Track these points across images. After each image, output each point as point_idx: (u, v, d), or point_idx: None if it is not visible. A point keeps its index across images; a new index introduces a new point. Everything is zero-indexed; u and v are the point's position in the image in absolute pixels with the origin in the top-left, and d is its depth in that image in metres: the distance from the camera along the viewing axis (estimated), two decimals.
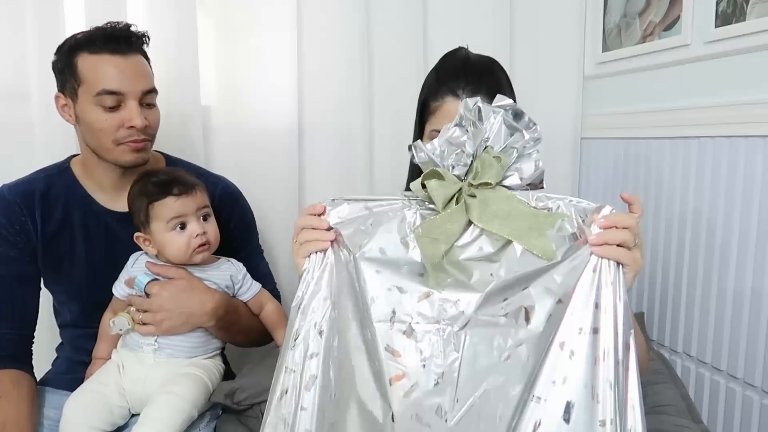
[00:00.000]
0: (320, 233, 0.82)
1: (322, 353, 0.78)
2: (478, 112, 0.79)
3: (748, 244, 1.23)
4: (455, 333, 0.75)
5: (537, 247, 0.74)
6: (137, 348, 1.13)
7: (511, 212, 0.76)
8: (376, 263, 0.79)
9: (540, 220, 0.76)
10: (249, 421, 1.13)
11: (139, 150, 1.15)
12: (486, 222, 0.76)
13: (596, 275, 0.72)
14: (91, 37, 1.12)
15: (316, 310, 0.80)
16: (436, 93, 1.09)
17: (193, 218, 1.12)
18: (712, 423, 1.34)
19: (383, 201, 0.83)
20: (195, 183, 1.15)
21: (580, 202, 0.77)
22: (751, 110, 1.22)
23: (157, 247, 1.13)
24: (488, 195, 0.77)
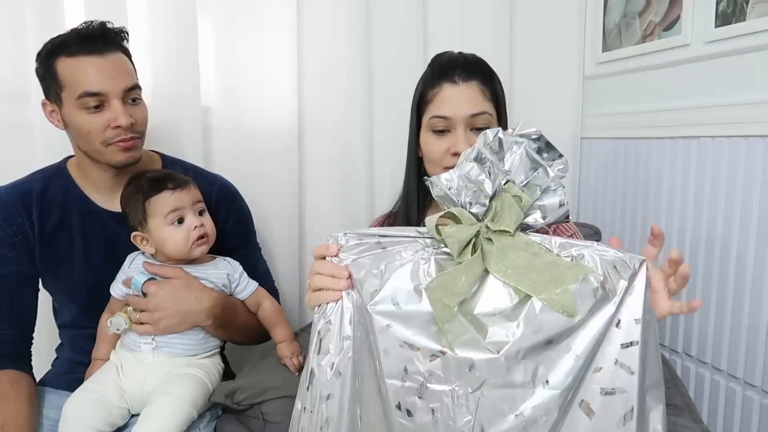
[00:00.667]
0: (335, 282, 0.79)
1: (338, 395, 0.76)
2: (498, 143, 0.75)
3: (748, 243, 1.23)
4: (468, 395, 0.70)
5: (558, 304, 0.69)
6: (135, 348, 1.13)
7: (531, 263, 0.72)
8: (388, 316, 0.74)
9: (562, 271, 0.71)
10: (249, 421, 1.13)
11: (129, 149, 1.15)
12: (503, 273, 0.72)
13: (621, 333, 0.70)
14: (67, 40, 1.11)
15: (332, 351, 0.78)
16: (432, 82, 1.12)
17: (189, 212, 1.13)
18: (712, 423, 1.34)
19: (396, 237, 0.80)
20: (187, 179, 1.16)
21: (607, 252, 0.72)
22: (751, 110, 1.22)
23: (156, 244, 1.13)
24: (506, 242, 0.73)
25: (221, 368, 1.22)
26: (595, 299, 0.69)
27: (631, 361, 0.69)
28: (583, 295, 0.69)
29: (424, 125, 1.14)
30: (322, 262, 0.82)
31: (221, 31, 1.55)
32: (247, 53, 1.56)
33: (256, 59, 1.56)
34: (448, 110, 1.10)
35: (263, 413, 1.12)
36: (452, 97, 1.10)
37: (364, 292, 0.76)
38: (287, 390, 1.14)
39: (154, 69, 1.42)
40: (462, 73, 1.11)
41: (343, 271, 0.79)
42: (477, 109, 1.10)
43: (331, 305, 0.79)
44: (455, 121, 1.10)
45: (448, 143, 1.10)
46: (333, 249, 0.81)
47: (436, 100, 1.11)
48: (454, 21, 1.67)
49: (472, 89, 1.11)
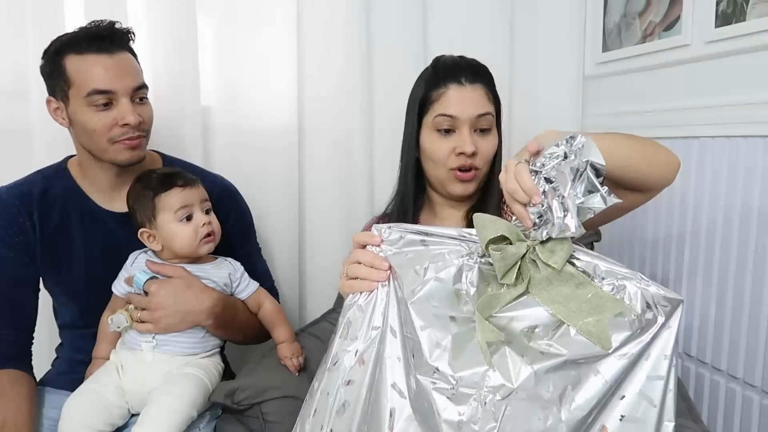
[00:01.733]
0: (374, 272, 0.79)
1: (358, 382, 0.76)
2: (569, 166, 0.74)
3: (748, 244, 1.23)
4: (496, 402, 0.70)
5: (594, 335, 0.70)
6: (136, 347, 1.14)
7: (574, 293, 0.73)
8: (425, 316, 0.74)
9: (602, 304, 0.72)
10: (249, 421, 1.13)
11: (135, 147, 1.15)
12: (543, 299, 0.73)
13: (649, 365, 0.71)
14: (76, 38, 1.12)
15: (359, 339, 0.78)
16: (437, 83, 1.14)
17: (198, 209, 1.15)
18: (712, 423, 1.34)
19: (440, 236, 0.79)
20: (195, 178, 1.18)
21: (649, 287, 0.72)
22: (751, 110, 1.22)
23: (164, 241, 1.14)
24: (552, 272, 0.73)
25: (221, 368, 1.22)
26: (631, 331, 0.71)
27: (654, 394, 0.71)
28: (620, 326, 0.71)
29: (426, 124, 1.15)
30: (363, 252, 0.81)
31: (221, 31, 1.55)
32: (247, 53, 1.56)
33: (256, 59, 1.56)
34: (454, 110, 1.11)
35: (263, 413, 1.12)
36: (459, 97, 1.12)
37: (405, 287, 0.76)
38: (287, 390, 1.14)
39: (154, 69, 1.42)
40: (468, 75, 1.13)
41: (384, 263, 0.79)
42: (483, 109, 1.12)
43: (365, 294, 0.79)
44: (461, 120, 1.11)
45: (454, 143, 1.12)
46: (377, 238, 0.81)
47: (442, 99, 1.13)
48: (454, 21, 1.67)
49: (478, 92, 1.13)
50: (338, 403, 0.77)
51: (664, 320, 0.72)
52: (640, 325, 0.71)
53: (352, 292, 0.81)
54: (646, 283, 0.73)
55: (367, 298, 0.79)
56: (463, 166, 1.12)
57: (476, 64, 1.18)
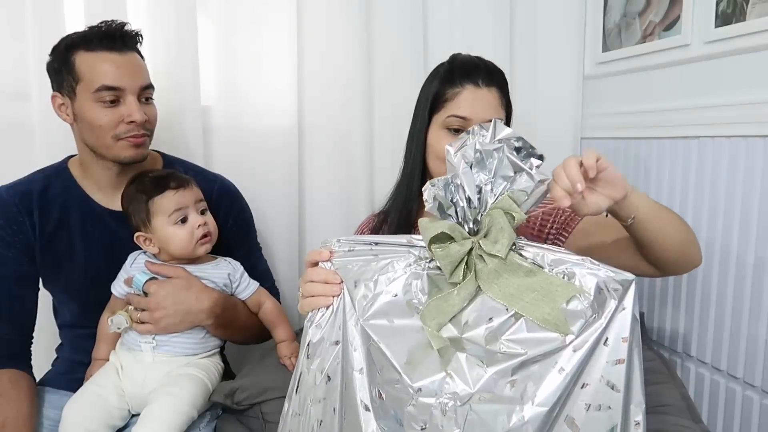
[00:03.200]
0: (327, 288, 0.79)
1: (328, 399, 0.77)
2: (480, 154, 0.76)
3: (748, 244, 1.23)
4: (457, 408, 0.69)
5: (550, 323, 0.70)
6: (135, 347, 1.14)
7: (524, 281, 0.72)
8: (379, 331, 0.74)
9: (554, 290, 0.71)
10: (249, 421, 1.13)
11: (139, 145, 1.16)
12: (497, 294, 0.73)
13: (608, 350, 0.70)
14: (88, 36, 1.13)
15: (322, 355, 0.78)
16: (453, 81, 1.13)
17: (193, 210, 1.14)
18: (712, 423, 1.34)
19: (389, 245, 0.79)
20: (189, 178, 1.17)
21: (598, 270, 0.72)
22: (751, 110, 1.22)
23: (160, 244, 1.13)
24: (499, 263, 0.73)
25: (221, 368, 1.22)
26: (585, 319, 0.70)
27: (617, 379, 0.70)
28: (574, 315, 0.70)
29: (436, 122, 1.14)
30: (315, 269, 0.82)
31: (221, 31, 1.55)
32: (247, 53, 1.56)
33: (256, 59, 1.56)
34: (468, 111, 1.11)
35: (263, 413, 1.12)
36: (474, 100, 1.11)
37: (357, 303, 0.76)
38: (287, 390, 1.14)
39: (154, 69, 1.42)
40: (485, 77, 1.12)
41: (336, 277, 0.79)
42: (495, 114, 1.12)
43: (322, 311, 0.80)
44: (473, 122, 1.10)
45: None
46: (325, 254, 0.82)
47: (456, 99, 1.12)
48: (454, 21, 1.67)
49: (493, 95, 1.13)
50: (312, 421, 0.78)
51: (617, 302, 0.71)
52: (594, 311, 0.70)
53: (310, 309, 0.81)
54: (596, 268, 0.72)
55: (324, 314, 0.79)
56: None
57: (493, 67, 1.17)
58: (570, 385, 0.70)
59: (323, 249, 0.82)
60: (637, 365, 0.72)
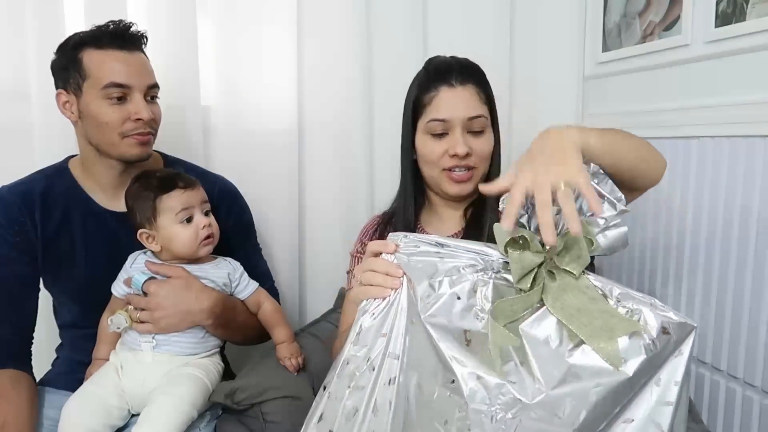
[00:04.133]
0: (388, 280, 0.79)
1: (369, 388, 0.77)
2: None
3: (748, 244, 1.23)
4: (507, 420, 0.69)
5: (604, 351, 0.70)
6: (135, 347, 1.14)
7: (586, 306, 0.72)
8: (439, 330, 0.74)
9: (615, 323, 0.71)
10: (249, 421, 1.13)
11: (144, 143, 1.17)
12: (558, 310, 0.73)
13: (659, 390, 0.71)
14: (96, 34, 1.14)
15: (370, 345, 0.78)
16: (429, 86, 1.14)
17: (198, 211, 1.15)
18: (712, 423, 1.34)
19: (456, 249, 0.79)
20: (195, 179, 1.18)
21: (664, 313, 0.73)
22: (751, 110, 1.22)
23: (164, 242, 1.14)
24: (568, 282, 0.74)
25: (221, 368, 1.22)
26: (646, 355, 0.70)
27: (662, 420, 0.71)
28: (635, 350, 0.70)
29: (420, 128, 1.15)
30: (377, 260, 0.82)
31: (221, 31, 1.55)
32: (247, 53, 1.56)
33: (256, 59, 1.56)
34: (446, 113, 1.11)
35: (263, 413, 1.12)
36: (450, 100, 1.12)
37: (419, 300, 0.76)
38: (287, 390, 1.14)
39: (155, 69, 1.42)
40: (458, 76, 1.13)
41: (398, 270, 0.79)
42: (474, 111, 1.12)
43: (378, 301, 0.80)
44: (453, 123, 1.11)
45: (447, 145, 1.11)
46: (391, 246, 0.82)
47: (433, 103, 1.13)
48: (454, 20, 1.67)
49: (469, 92, 1.13)
50: (348, 408, 0.77)
51: (675, 347, 0.72)
52: (655, 351, 0.71)
53: (366, 298, 0.81)
54: (663, 309, 0.73)
55: (380, 304, 0.79)
56: (455, 166, 1.12)
57: (467, 64, 1.17)
58: (616, 417, 0.71)
59: (389, 241, 0.82)
60: (684, 409, 0.73)
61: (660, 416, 0.71)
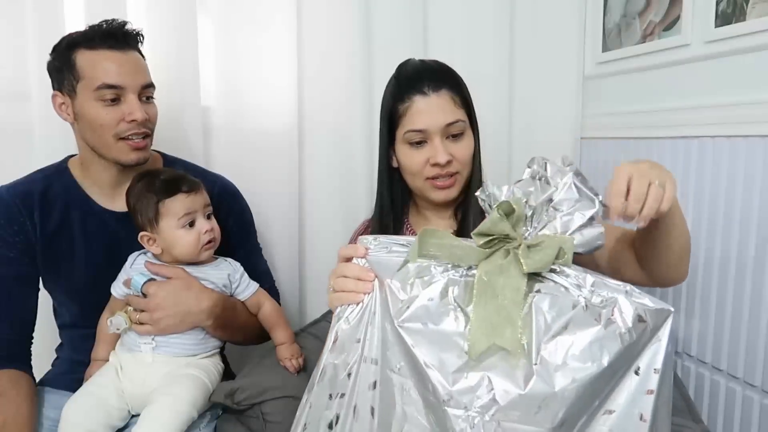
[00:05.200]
0: (360, 284, 0.79)
1: (348, 394, 0.77)
2: (545, 167, 0.76)
3: (749, 244, 1.23)
4: (485, 423, 0.69)
5: (474, 338, 0.70)
6: (135, 348, 1.14)
7: (500, 300, 0.72)
8: (414, 335, 0.74)
9: (502, 325, 0.70)
10: (249, 421, 1.13)
11: (140, 149, 1.16)
12: (479, 279, 0.73)
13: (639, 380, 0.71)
14: (89, 34, 1.13)
15: (347, 351, 0.78)
16: (402, 96, 1.12)
17: (200, 215, 1.14)
18: (712, 423, 1.33)
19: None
20: (198, 182, 1.18)
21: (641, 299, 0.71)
22: (751, 110, 1.21)
23: (165, 246, 1.13)
24: (514, 270, 0.73)
25: (221, 368, 1.22)
26: (622, 345, 0.70)
27: (644, 409, 0.71)
28: (609, 339, 0.70)
29: (399, 139, 1.13)
30: (348, 265, 0.82)
31: (221, 31, 1.55)
32: (247, 53, 1.56)
33: (256, 59, 1.56)
34: (422, 123, 1.09)
35: (263, 413, 1.12)
36: (425, 109, 1.09)
37: (392, 305, 0.75)
38: (287, 390, 1.14)
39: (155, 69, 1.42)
40: (430, 83, 1.10)
41: (369, 275, 0.79)
42: (451, 118, 1.10)
43: (352, 306, 0.79)
44: (431, 132, 1.09)
45: (427, 154, 1.10)
46: (361, 250, 0.81)
47: (408, 114, 1.10)
48: (454, 21, 1.67)
49: (443, 98, 1.10)
50: (328, 417, 0.78)
51: (652, 334, 0.72)
52: (631, 339, 0.70)
53: (340, 304, 0.81)
54: (638, 296, 0.72)
55: (354, 310, 0.79)
56: (438, 174, 1.10)
57: (438, 69, 1.15)
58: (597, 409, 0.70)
59: (359, 245, 0.82)
60: (666, 398, 0.72)
61: (641, 405, 0.71)
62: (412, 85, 1.11)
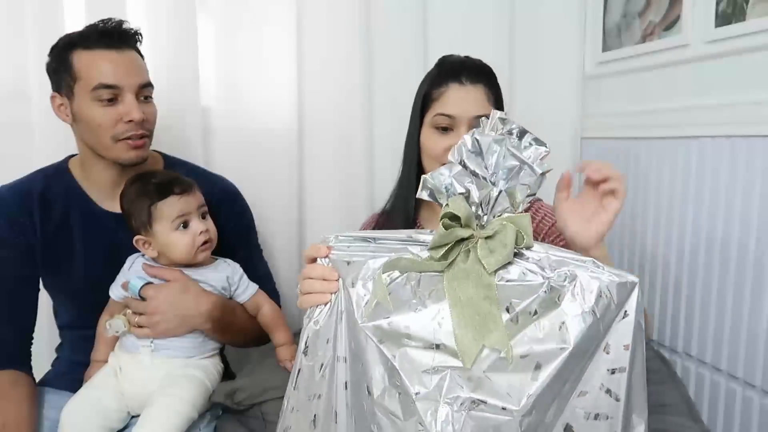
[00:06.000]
0: (325, 285, 0.79)
1: (325, 395, 0.77)
2: (477, 145, 0.74)
3: (749, 243, 1.23)
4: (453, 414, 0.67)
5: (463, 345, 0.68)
6: (134, 350, 1.13)
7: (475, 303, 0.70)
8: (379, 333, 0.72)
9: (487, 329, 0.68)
10: (249, 422, 1.13)
11: (139, 148, 1.15)
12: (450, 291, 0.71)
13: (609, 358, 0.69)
14: (85, 34, 1.13)
15: (320, 353, 0.77)
16: (439, 82, 1.15)
17: (195, 216, 1.13)
18: (712, 423, 1.33)
19: (388, 241, 0.78)
20: (192, 182, 1.16)
21: (602, 274, 0.69)
22: (751, 110, 1.21)
23: (160, 249, 1.13)
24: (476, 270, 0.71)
25: (221, 368, 1.21)
26: (585, 324, 0.67)
27: (617, 388, 0.69)
28: (573, 320, 0.68)
29: (427, 122, 1.16)
30: (312, 266, 0.82)
31: (221, 31, 1.55)
32: (247, 53, 1.56)
33: (256, 59, 1.56)
34: (453, 109, 1.12)
35: (263, 413, 1.12)
36: (458, 97, 1.13)
37: (355, 304, 0.74)
38: None
39: (154, 69, 1.42)
40: (469, 75, 1.14)
41: (333, 274, 0.79)
42: (482, 111, 1.12)
43: (320, 307, 0.79)
44: (459, 120, 1.12)
45: (450, 141, 1.12)
46: (323, 250, 0.81)
47: (442, 98, 1.14)
48: (454, 21, 1.67)
49: (479, 91, 1.14)
50: (309, 417, 0.77)
51: (619, 308, 0.69)
52: (595, 318, 0.67)
53: (309, 306, 0.81)
54: (600, 271, 0.70)
55: (322, 311, 0.79)
56: None
57: (480, 65, 1.18)
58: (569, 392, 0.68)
59: (321, 245, 0.82)
60: (639, 373, 0.70)
61: (613, 384, 0.69)
62: (452, 73, 1.15)
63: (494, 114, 0.76)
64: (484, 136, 0.74)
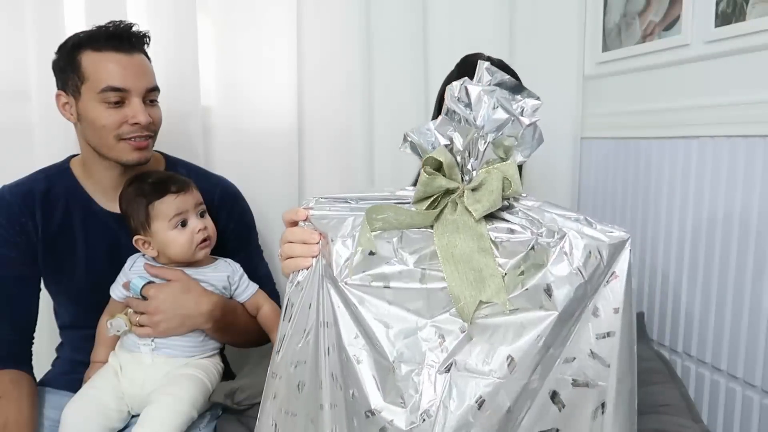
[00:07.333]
0: (306, 248, 0.76)
1: (309, 361, 0.74)
2: (465, 93, 0.69)
3: (748, 244, 1.23)
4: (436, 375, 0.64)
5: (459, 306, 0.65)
6: (135, 349, 1.13)
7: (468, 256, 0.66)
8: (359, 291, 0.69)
9: (485, 282, 0.65)
10: (249, 421, 1.13)
11: (142, 148, 1.15)
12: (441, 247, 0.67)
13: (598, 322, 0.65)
14: (95, 35, 1.13)
15: (303, 317, 0.75)
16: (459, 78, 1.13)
17: (193, 214, 1.13)
18: (712, 423, 1.34)
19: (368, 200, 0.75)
20: (188, 181, 1.17)
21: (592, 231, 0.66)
22: (751, 110, 1.21)
23: (159, 248, 1.13)
24: (466, 221, 0.67)
25: (221, 368, 1.22)
26: (572, 286, 0.64)
27: (607, 354, 0.65)
28: (560, 281, 0.64)
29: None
30: (292, 230, 0.79)
31: (221, 31, 1.55)
32: (247, 53, 1.56)
33: (256, 59, 1.56)
34: None
35: None
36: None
37: (334, 263, 0.70)
38: None
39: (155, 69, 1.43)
40: None
41: (314, 236, 0.76)
42: None
43: (303, 271, 0.76)
44: None
45: None
46: (301, 213, 0.79)
47: None
48: (454, 20, 1.67)
49: None
50: (294, 383, 0.75)
51: (608, 268, 0.66)
52: (583, 278, 0.64)
53: (291, 271, 0.78)
54: (590, 229, 0.67)
55: (304, 275, 0.76)
56: None
57: (500, 62, 1.19)
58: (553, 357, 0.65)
59: (300, 208, 0.79)
60: (629, 338, 0.66)
61: (602, 349, 0.65)
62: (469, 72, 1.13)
63: (481, 65, 0.73)
64: (473, 86, 0.70)
